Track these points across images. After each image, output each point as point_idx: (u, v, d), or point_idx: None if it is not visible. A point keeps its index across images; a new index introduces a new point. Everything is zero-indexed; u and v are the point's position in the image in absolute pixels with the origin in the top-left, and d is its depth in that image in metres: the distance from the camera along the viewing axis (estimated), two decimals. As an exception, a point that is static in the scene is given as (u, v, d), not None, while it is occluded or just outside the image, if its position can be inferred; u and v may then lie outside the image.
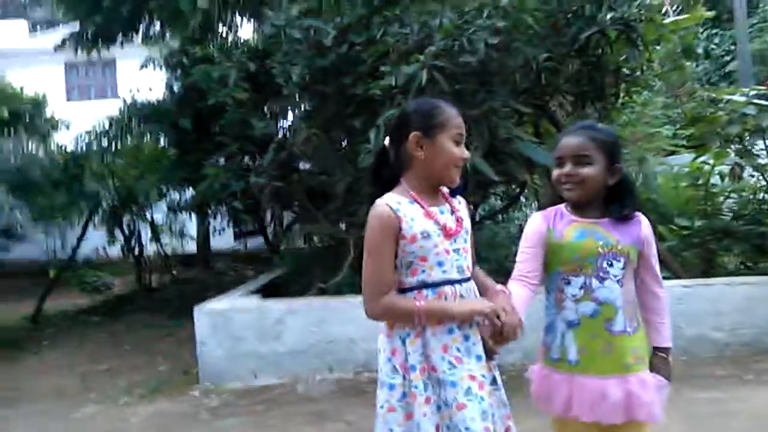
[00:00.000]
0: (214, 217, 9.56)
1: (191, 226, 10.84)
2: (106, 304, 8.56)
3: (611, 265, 1.86)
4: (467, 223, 1.87)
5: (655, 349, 1.95)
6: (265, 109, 6.17)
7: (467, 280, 1.82)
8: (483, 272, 1.95)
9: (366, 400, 3.98)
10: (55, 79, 14.83)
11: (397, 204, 1.75)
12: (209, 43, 7.43)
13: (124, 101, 8.31)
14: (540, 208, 3.15)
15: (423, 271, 1.75)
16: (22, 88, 8.54)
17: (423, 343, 1.73)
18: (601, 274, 1.86)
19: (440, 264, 1.75)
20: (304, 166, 6.32)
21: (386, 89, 4.50)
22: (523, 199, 7.48)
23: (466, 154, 1.82)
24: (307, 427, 3.64)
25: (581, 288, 1.88)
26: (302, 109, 5.87)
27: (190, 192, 8.83)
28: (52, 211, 7.41)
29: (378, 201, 1.78)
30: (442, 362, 1.71)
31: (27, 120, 8.19)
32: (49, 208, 7.24)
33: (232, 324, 4.68)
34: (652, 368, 1.92)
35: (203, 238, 11.05)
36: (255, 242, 11.99)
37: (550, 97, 5.66)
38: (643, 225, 1.93)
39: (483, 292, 1.86)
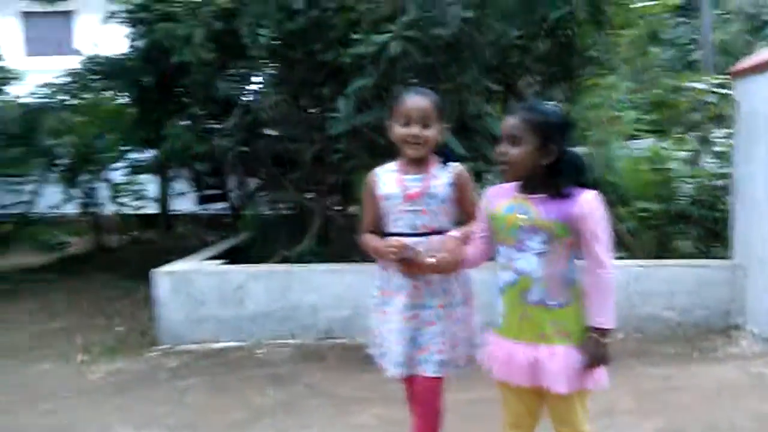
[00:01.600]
0: (176, 180, 9.37)
1: (152, 188, 10.61)
2: (62, 263, 8.36)
3: (531, 238, 1.94)
4: (439, 189, 2.24)
5: (589, 328, 1.93)
6: (231, 71, 6.03)
7: (420, 235, 2.22)
8: (467, 226, 2.27)
9: (326, 365, 4.04)
10: (12, 31, 14.20)
11: (383, 171, 2.34)
12: (174, -1, 7.16)
13: (85, 55, 8.00)
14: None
15: (386, 224, 2.31)
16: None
17: (381, 275, 2.33)
18: (521, 246, 1.96)
19: (396, 220, 2.27)
20: (270, 132, 6.23)
21: (356, 58, 4.46)
22: (489, 176, 7.52)
23: (413, 131, 2.19)
24: (267, 388, 3.67)
25: (505, 258, 2.01)
26: (269, 73, 5.76)
27: (151, 153, 8.63)
28: (6, 165, 7.14)
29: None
30: (385, 289, 2.31)
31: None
32: (3, 161, 6.98)
33: (192, 287, 4.65)
34: (581, 345, 1.92)
35: (164, 201, 10.83)
36: (218, 208, 11.79)
37: (520, 75, 5.70)
38: (581, 203, 1.91)
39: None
